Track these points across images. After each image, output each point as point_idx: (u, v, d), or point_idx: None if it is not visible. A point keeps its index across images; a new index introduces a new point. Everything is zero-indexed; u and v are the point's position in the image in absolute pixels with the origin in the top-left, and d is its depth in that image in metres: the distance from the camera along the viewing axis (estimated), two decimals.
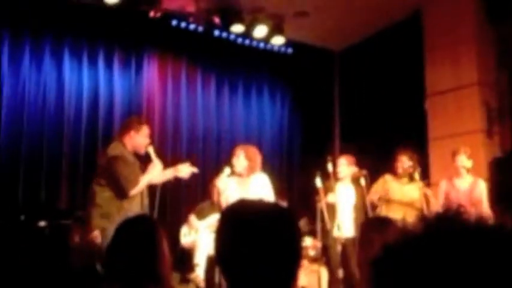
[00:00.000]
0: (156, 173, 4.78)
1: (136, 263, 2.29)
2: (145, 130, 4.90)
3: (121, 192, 4.54)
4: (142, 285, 2.27)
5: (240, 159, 5.20)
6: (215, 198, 5.67)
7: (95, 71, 7.04)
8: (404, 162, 5.84)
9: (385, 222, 2.59)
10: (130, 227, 2.42)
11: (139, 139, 4.84)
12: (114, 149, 4.70)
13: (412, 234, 0.74)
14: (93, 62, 7.04)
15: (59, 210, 6.18)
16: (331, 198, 5.91)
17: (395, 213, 5.42)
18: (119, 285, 2.29)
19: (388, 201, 5.77)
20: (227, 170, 5.23)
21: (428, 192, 5.79)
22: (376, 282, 0.74)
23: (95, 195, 4.55)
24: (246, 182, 5.15)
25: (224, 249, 1.36)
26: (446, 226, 0.72)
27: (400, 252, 0.73)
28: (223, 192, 5.20)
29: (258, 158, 5.32)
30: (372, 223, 2.80)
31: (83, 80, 6.92)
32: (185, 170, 4.89)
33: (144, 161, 4.82)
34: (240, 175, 5.20)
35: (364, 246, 2.56)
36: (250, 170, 5.18)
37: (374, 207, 5.76)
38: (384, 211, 5.74)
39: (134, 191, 4.60)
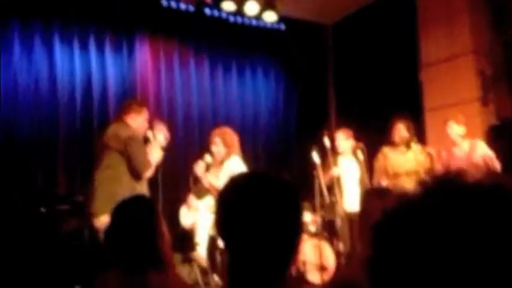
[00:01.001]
0: (156, 155, 4.83)
1: (135, 244, 2.29)
2: (145, 113, 4.96)
3: (135, 174, 4.57)
4: (143, 266, 2.28)
5: (218, 147, 5.25)
6: (191, 185, 5.67)
7: (86, 56, 6.98)
8: (401, 130, 5.85)
9: (384, 191, 2.60)
10: (128, 208, 2.41)
11: (142, 122, 4.88)
12: (125, 130, 4.71)
13: (410, 199, 0.73)
14: (84, 47, 6.97)
15: (57, 195, 6.17)
16: (335, 171, 5.91)
17: (406, 185, 5.42)
18: (120, 268, 2.29)
19: (394, 175, 5.75)
20: (208, 158, 5.27)
21: (431, 150, 5.81)
22: (376, 248, 0.73)
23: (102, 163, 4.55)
24: (220, 168, 5.20)
25: (225, 221, 1.34)
26: (444, 188, 0.71)
27: (398, 216, 0.72)
28: (202, 178, 5.27)
29: (236, 140, 5.37)
30: (371, 193, 2.81)
31: (74, 64, 6.86)
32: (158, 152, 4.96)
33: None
34: (220, 162, 5.24)
35: (364, 216, 2.57)
36: (228, 155, 5.21)
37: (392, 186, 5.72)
38: (392, 187, 5.72)
39: (148, 173, 4.65)
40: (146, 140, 5.02)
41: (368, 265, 0.72)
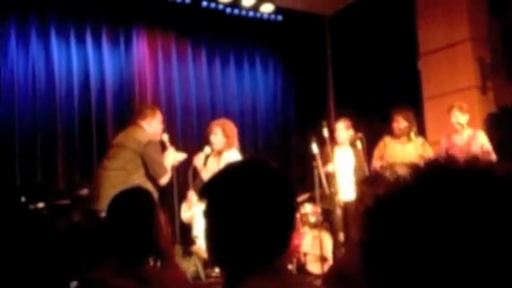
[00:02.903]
0: (172, 160, 4.83)
1: (132, 236, 2.27)
2: (160, 115, 4.94)
3: (153, 179, 4.58)
4: (141, 258, 2.26)
5: (218, 136, 5.20)
6: (190, 178, 5.63)
7: (83, 49, 6.96)
8: (400, 122, 5.86)
9: (377, 177, 2.58)
10: (124, 200, 2.37)
11: (157, 125, 4.87)
12: (142, 135, 4.69)
13: (401, 182, 0.73)
14: (81, 40, 6.95)
15: (56, 190, 6.17)
16: (330, 167, 5.91)
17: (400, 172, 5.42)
18: (118, 260, 2.28)
19: (391, 165, 5.76)
20: (207, 149, 5.24)
21: (427, 147, 5.82)
22: (368, 232, 0.73)
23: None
24: (219, 158, 5.18)
25: (213, 215, 1.32)
26: (435, 171, 0.71)
27: (389, 200, 0.71)
28: (201, 170, 5.24)
29: (235, 132, 5.33)
30: (364, 180, 2.80)
31: (72, 58, 6.85)
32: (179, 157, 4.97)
33: None
34: (219, 153, 5.20)
35: (358, 204, 2.56)
36: (228, 146, 5.19)
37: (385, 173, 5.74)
38: (388, 176, 5.73)
39: (165, 179, 4.64)
40: (162, 145, 5.01)
41: (361, 249, 0.71)
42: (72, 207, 5.44)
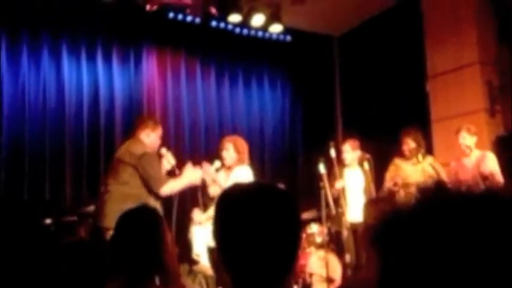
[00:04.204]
0: (192, 179, 4.82)
1: (140, 254, 2.27)
2: (160, 131, 4.96)
3: (151, 190, 4.57)
4: (147, 276, 2.27)
5: (229, 152, 5.22)
6: (199, 194, 5.63)
7: (93, 67, 7.03)
8: (410, 143, 5.89)
9: (383, 199, 2.59)
10: (131, 218, 2.41)
11: (155, 139, 4.89)
12: (138, 147, 4.70)
13: (406, 205, 0.76)
14: (91, 58, 7.03)
15: (64, 206, 6.19)
16: (339, 184, 5.91)
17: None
18: (124, 278, 2.28)
19: (405, 185, 5.76)
20: (217, 163, 5.25)
21: (437, 165, 5.83)
22: (372, 249, 0.76)
23: (118, 175, 4.58)
24: (229, 174, 5.19)
25: (221, 234, 1.33)
26: (438, 196, 0.74)
27: (392, 220, 0.75)
28: (209, 185, 5.24)
29: (246, 149, 5.36)
30: (371, 202, 2.81)
31: (82, 76, 6.92)
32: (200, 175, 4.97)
33: None
34: (229, 168, 5.22)
35: (364, 226, 2.56)
36: (239, 162, 5.21)
37: (392, 194, 5.74)
38: (402, 196, 5.73)
39: (166, 190, 4.61)
40: (160, 157, 5.02)
41: (378, 279, 0.74)
42: (79, 223, 5.45)
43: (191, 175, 4.87)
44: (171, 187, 4.70)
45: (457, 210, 0.69)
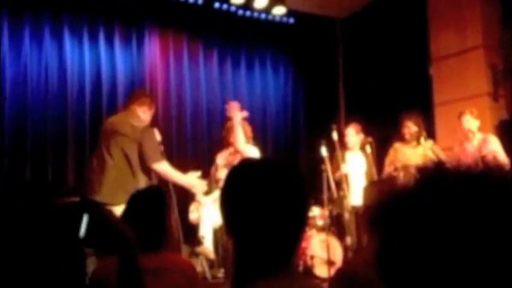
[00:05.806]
0: (191, 184, 4.87)
1: (151, 226, 2.45)
2: (153, 109, 4.98)
3: (146, 165, 4.57)
4: (158, 242, 2.44)
5: (239, 135, 5.32)
6: (212, 172, 5.74)
7: (96, 49, 7.01)
8: (411, 127, 5.88)
9: (383, 181, 2.60)
10: (141, 199, 2.54)
11: (149, 118, 4.90)
12: (138, 121, 4.71)
13: (405, 185, 0.76)
14: (93, 40, 7.00)
15: (66, 188, 6.21)
16: (345, 168, 5.93)
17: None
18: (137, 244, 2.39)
19: (405, 167, 5.77)
20: (231, 149, 5.35)
21: (437, 149, 5.84)
22: (371, 231, 0.76)
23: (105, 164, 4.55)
24: (237, 158, 5.27)
25: (229, 209, 1.32)
26: (437, 176, 0.74)
27: (391, 201, 0.75)
28: (220, 168, 5.31)
29: (250, 131, 5.57)
30: (371, 185, 2.82)
31: (84, 57, 6.90)
32: (200, 187, 5.00)
33: None
34: (236, 151, 5.32)
35: (364, 208, 2.57)
36: (247, 143, 5.37)
37: (393, 177, 5.75)
38: (402, 178, 5.75)
39: (158, 167, 4.61)
40: None
41: (376, 258, 0.74)
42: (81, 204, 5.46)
43: (192, 180, 4.91)
44: (166, 168, 4.72)
45: (455, 189, 0.70)
